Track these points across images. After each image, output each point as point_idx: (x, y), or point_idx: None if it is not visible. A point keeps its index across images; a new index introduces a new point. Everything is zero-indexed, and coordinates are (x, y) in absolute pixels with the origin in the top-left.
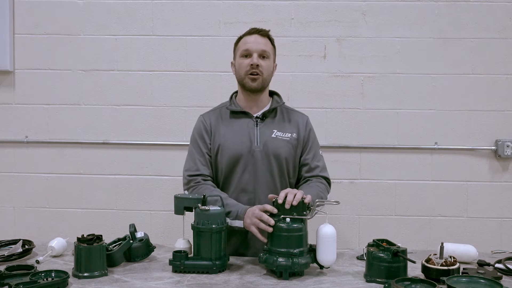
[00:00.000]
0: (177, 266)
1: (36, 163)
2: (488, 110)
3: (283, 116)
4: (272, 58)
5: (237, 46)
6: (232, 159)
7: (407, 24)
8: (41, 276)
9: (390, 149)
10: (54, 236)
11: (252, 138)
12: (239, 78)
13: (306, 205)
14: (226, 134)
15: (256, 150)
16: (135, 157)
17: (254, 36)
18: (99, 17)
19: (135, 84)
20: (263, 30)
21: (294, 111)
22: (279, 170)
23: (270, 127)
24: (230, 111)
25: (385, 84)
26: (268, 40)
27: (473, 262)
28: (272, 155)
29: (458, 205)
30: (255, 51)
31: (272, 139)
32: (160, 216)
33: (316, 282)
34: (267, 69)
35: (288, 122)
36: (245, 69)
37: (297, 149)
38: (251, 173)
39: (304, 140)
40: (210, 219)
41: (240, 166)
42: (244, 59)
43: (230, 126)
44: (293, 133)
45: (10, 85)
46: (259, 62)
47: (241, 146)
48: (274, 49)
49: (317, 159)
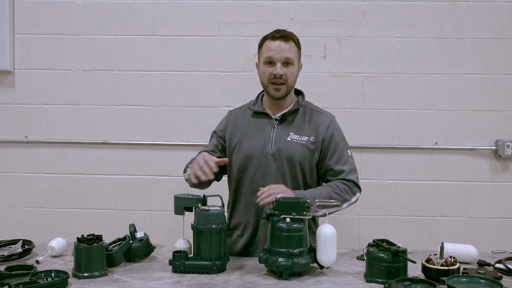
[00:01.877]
0: (177, 266)
1: (36, 163)
2: (488, 110)
3: (304, 117)
4: (297, 61)
5: (261, 50)
6: (245, 159)
7: (407, 24)
8: (41, 276)
9: (390, 149)
10: (54, 236)
11: (267, 140)
12: (263, 85)
13: (305, 205)
14: (243, 134)
15: (269, 153)
16: (135, 157)
17: (277, 42)
18: (99, 17)
19: (135, 84)
20: (287, 35)
21: (318, 112)
22: (291, 174)
23: (287, 129)
24: (253, 111)
25: (385, 84)
26: (292, 44)
27: (473, 262)
28: (285, 159)
29: (458, 205)
30: (278, 60)
31: (287, 142)
32: (160, 216)
33: (316, 282)
34: (291, 76)
35: (308, 124)
36: (269, 78)
37: (314, 152)
38: (263, 175)
39: (324, 143)
40: (210, 219)
41: (252, 167)
42: (268, 66)
43: (249, 126)
44: (310, 136)
45: (10, 85)
46: (283, 70)
47: (255, 147)
48: (299, 51)
49: (342, 163)
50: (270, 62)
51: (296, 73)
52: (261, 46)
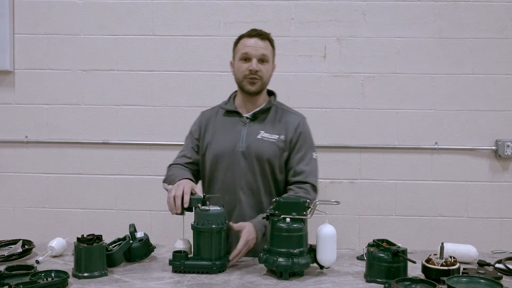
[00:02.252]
0: (177, 266)
1: (36, 163)
2: (488, 110)
3: (275, 116)
4: (271, 60)
5: (237, 47)
6: (215, 158)
7: (407, 24)
8: (41, 276)
9: (390, 149)
10: (54, 236)
11: (238, 138)
12: (238, 80)
13: (305, 205)
14: (214, 133)
15: (239, 151)
16: (135, 157)
17: (254, 40)
18: (99, 17)
19: (135, 84)
20: (264, 34)
21: (289, 112)
22: (261, 172)
23: (258, 127)
24: (225, 110)
25: (385, 84)
26: (268, 43)
27: (473, 262)
28: (254, 157)
29: (458, 205)
30: (254, 56)
31: (257, 140)
32: (160, 216)
33: (316, 282)
34: (266, 73)
35: (279, 123)
36: (244, 73)
37: (284, 151)
38: (233, 173)
39: (292, 142)
40: (210, 219)
41: (223, 165)
42: (244, 62)
43: (220, 125)
44: (281, 135)
45: (10, 85)
46: (259, 67)
47: (225, 146)
48: (273, 51)
49: (304, 163)
50: (246, 58)
51: (271, 70)
52: (237, 44)
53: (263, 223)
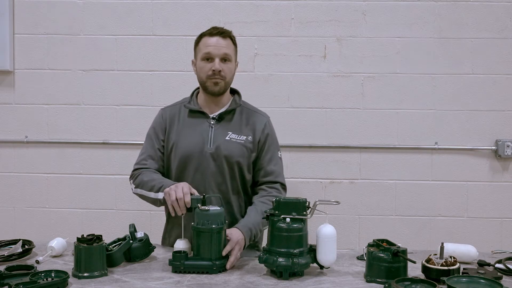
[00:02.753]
0: (177, 266)
1: (36, 163)
2: (488, 110)
3: (241, 117)
4: (234, 59)
5: (198, 47)
6: (183, 159)
7: (407, 24)
8: (41, 276)
9: (390, 149)
10: (54, 236)
11: (206, 140)
12: (201, 80)
13: (305, 205)
14: (180, 133)
15: (208, 152)
16: (135, 157)
17: (215, 39)
18: (99, 17)
19: (135, 84)
20: (225, 32)
21: (254, 112)
22: (230, 173)
23: (225, 129)
24: (189, 110)
25: (385, 84)
26: (230, 41)
27: (474, 262)
28: (223, 158)
29: (458, 205)
30: (216, 56)
31: (226, 142)
32: (160, 216)
33: (316, 282)
34: (229, 73)
35: (246, 124)
36: (207, 73)
37: (252, 152)
38: (203, 174)
39: (260, 143)
40: (210, 219)
41: (192, 167)
42: (206, 62)
43: (186, 125)
44: (248, 136)
45: (10, 85)
46: (221, 66)
47: (193, 147)
48: (235, 49)
49: (273, 163)
50: (208, 58)
51: (234, 69)
52: (198, 42)
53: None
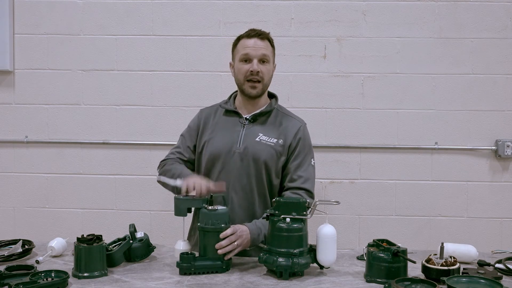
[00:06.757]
0: (187, 268)
1: (36, 163)
2: (488, 110)
3: (275, 120)
4: (272, 60)
5: (236, 48)
6: (211, 158)
7: (407, 24)
8: (41, 276)
9: (390, 149)
10: (54, 236)
11: (236, 140)
12: (239, 82)
13: (305, 205)
14: (213, 132)
15: (236, 152)
16: (135, 157)
17: (253, 40)
18: (99, 17)
19: (135, 84)
20: (263, 33)
21: (290, 116)
22: (256, 175)
23: (257, 130)
24: (224, 110)
25: (385, 84)
26: (268, 43)
27: (473, 262)
28: (251, 159)
29: (458, 205)
30: (255, 57)
31: (255, 143)
32: (160, 216)
33: (316, 282)
34: (267, 74)
35: (278, 127)
36: (245, 75)
37: (282, 155)
38: (228, 174)
39: (291, 148)
40: (217, 219)
41: (218, 165)
42: (244, 64)
43: (219, 125)
44: (279, 139)
45: (10, 85)
46: (260, 68)
47: (222, 146)
48: (273, 51)
49: (302, 169)
50: (247, 59)
51: (272, 72)
52: (236, 45)
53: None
